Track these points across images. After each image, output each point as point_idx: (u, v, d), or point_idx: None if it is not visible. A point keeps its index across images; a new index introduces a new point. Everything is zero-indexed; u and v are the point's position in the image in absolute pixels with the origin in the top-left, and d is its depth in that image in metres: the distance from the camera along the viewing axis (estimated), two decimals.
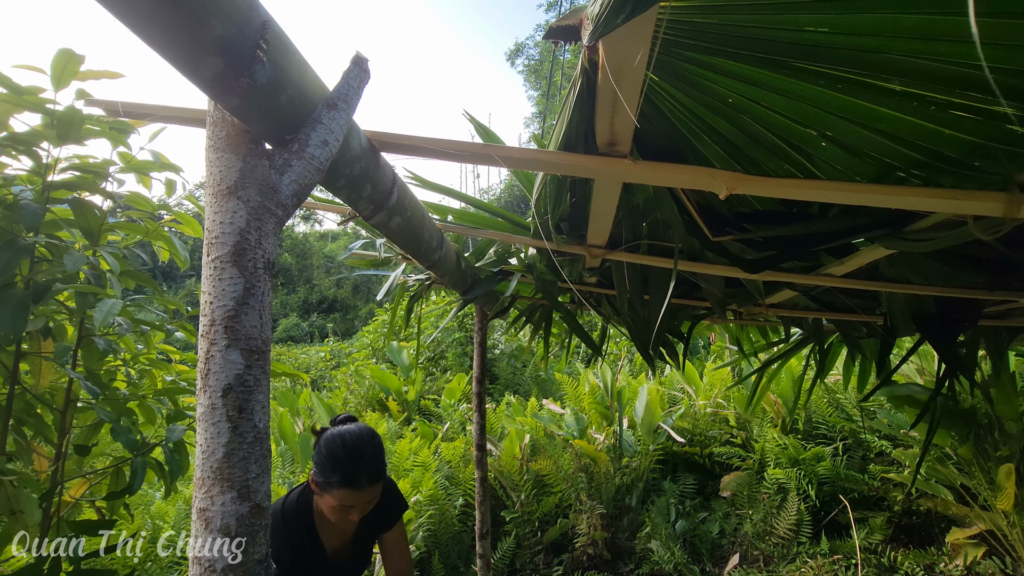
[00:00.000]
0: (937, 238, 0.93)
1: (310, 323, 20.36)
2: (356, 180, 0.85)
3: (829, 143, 0.83)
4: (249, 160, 0.63)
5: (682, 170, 0.88)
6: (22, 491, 1.44)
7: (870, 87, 0.71)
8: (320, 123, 0.68)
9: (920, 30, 0.60)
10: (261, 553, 0.62)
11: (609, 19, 0.53)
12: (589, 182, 1.06)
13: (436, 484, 3.65)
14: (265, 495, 0.62)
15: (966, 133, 0.73)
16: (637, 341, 1.93)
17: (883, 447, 3.71)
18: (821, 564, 3.23)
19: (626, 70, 0.65)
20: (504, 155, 0.89)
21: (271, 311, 0.66)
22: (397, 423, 5.53)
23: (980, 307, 1.66)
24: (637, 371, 6.53)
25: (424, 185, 1.45)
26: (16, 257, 1.23)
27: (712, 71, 0.75)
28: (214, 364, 0.60)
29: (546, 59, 27.12)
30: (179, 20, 0.49)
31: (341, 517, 1.32)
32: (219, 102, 0.58)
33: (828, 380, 4.05)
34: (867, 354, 2.34)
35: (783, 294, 1.70)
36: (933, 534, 3.48)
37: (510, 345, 7.25)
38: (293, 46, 0.64)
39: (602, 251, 1.38)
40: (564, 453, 4.08)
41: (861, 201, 0.83)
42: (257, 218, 0.63)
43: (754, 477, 3.80)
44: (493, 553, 3.61)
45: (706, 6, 0.62)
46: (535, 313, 2.35)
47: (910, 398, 3.01)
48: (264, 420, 0.63)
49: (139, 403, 1.85)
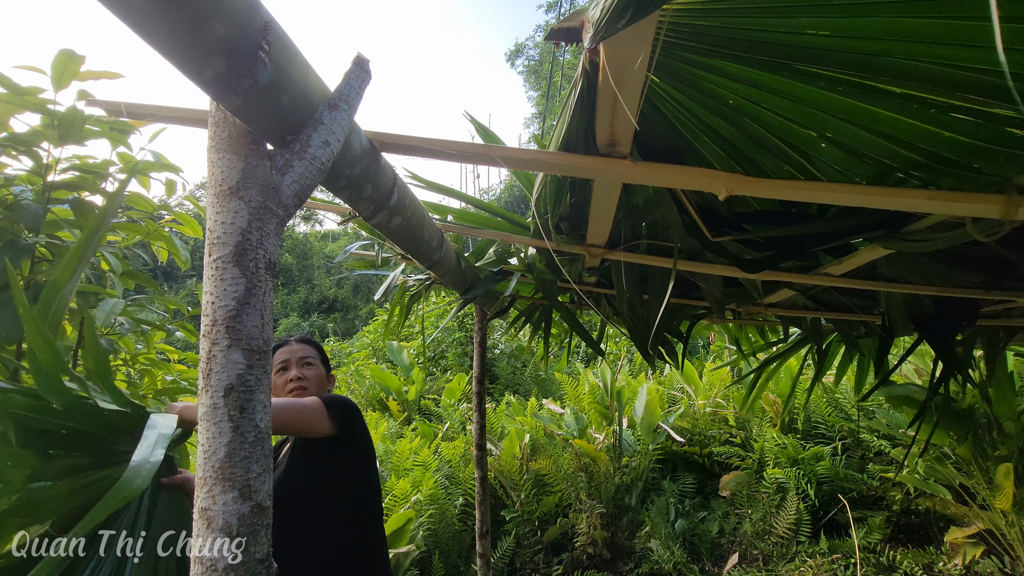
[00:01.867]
0: (935, 239, 0.93)
1: (311, 323, 20.35)
2: (357, 180, 0.86)
3: (829, 144, 0.84)
4: (251, 160, 0.64)
5: (682, 171, 0.89)
6: None
7: (870, 89, 0.71)
8: (322, 124, 0.68)
9: (920, 33, 0.60)
10: (263, 552, 0.62)
11: (610, 23, 0.53)
12: (589, 182, 1.06)
13: (436, 484, 3.65)
14: (267, 495, 0.63)
15: (965, 135, 0.73)
16: (636, 340, 1.93)
17: (882, 447, 3.71)
18: (820, 563, 3.23)
19: (627, 72, 0.66)
20: (504, 155, 0.89)
21: (272, 311, 0.66)
22: (397, 423, 5.54)
23: (978, 307, 1.66)
24: (637, 371, 6.54)
25: (424, 185, 1.45)
26: (17, 257, 1.23)
27: (713, 73, 0.75)
28: (216, 364, 0.60)
29: (546, 60, 27.11)
30: (181, 21, 0.49)
31: (284, 380, 1.48)
32: (221, 103, 0.59)
33: (827, 380, 4.05)
34: (865, 353, 2.35)
35: (782, 293, 1.71)
36: (932, 533, 3.48)
37: (510, 345, 7.26)
38: (295, 47, 0.65)
39: (602, 251, 1.39)
40: (564, 453, 4.08)
41: (860, 203, 0.84)
42: (259, 218, 0.63)
43: (753, 476, 3.81)
44: (493, 552, 3.61)
45: (707, 9, 0.62)
46: (535, 313, 2.36)
47: (908, 398, 3.02)
48: (265, 420, 0.63)
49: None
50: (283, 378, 1.47)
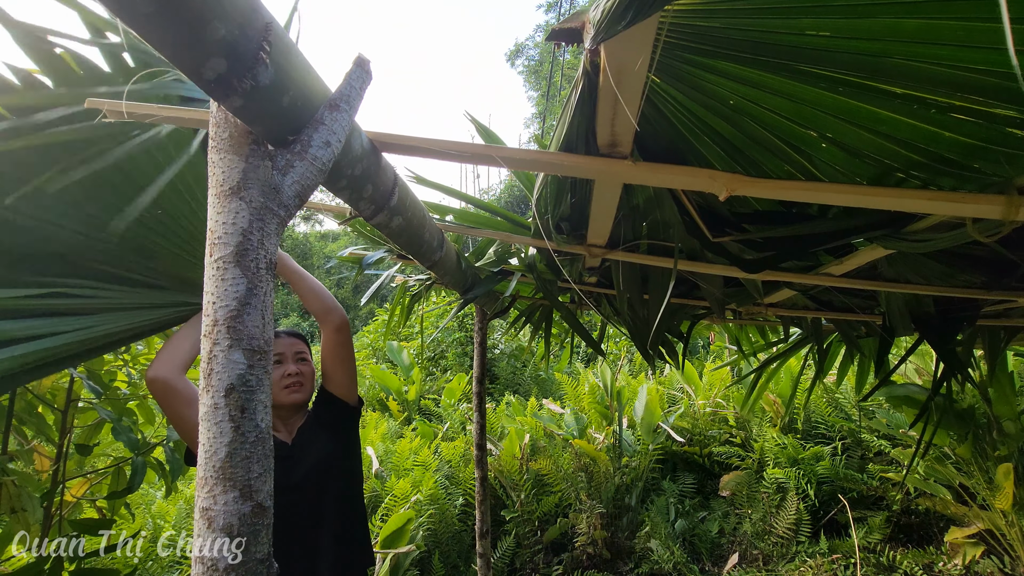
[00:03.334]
0: (936, 239, 0.93)
1: (311, 323, 20.35)
2: (358, 180, 0.86)
3: (829, 144, 0.84)
4: (252, 161, 0.64)
5: (682, 171, 0.88)
6: (24, 490, 1.45)
7: (871, 90, 0.71)
8: (322, 124, 0.68)
9: (921, 34, 0.60)
10: (263, 552, 0.62)
11: (611, 24, 0.53)
12: (589, 182, 1.06)
13: (436, 484, 3.65)
14: (267, 494, 0.63)
15: (966, 136, 0.73)
16: (636, 340, 1.93)
17: (882, 447, 3.71)
18: (820, 563, 3.23)
19: (627, 73, 0.66)
20: (505, 156, 0.89)
21: (273, 311, 0.67)
22: (397, 423, 5.54)
23: (978, 307, 1.66)
24: (637, 371, 6.54)
25: (425, 184, 1.46)
26: None
27: (714, 73, 0.75)
28: (216, 364, 0.60)
29: (546, 60, 27.10)
30: (182, 22, 0.49)
31: (280, 375, 1.44)
32: (222, 103, 0.59)
33: (827, 380, 4.05)
34: (866, 354, 2.35)
35: (782, 293, 1.71)
36: (932, 533, 3.48)
37: (510, 345, 7.26)
38: (295, 48, 0.65)
39: (602, 251, 1.39)
40: (564, 453, 4.08)
41: (860, 203, 0.84)
42: (260, 219, 0.63)
43: (753, 476, 3.81)
44: (493, 552, 3.62)
45: (708, 10, 0.62)
46: (535, 313, 2.36)
47: (908, 398, 3.02)
48: (266, 420, 0.63)
49: (139, 403, 1.86)
50: (279, 372, 1.44)
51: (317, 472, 1.37)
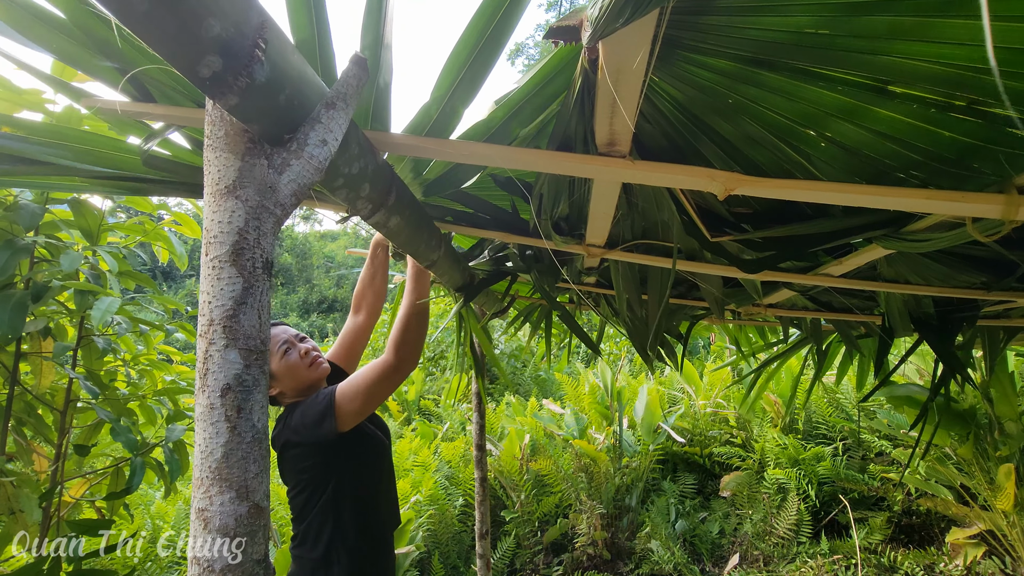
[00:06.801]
0: (935, 239, 0.93)
1: (310, 323, 20.34)
2: (355, 179, 0.85)
3: (828, 143, 0.83)
4: (247, 159, 0.63)
5: (681, 170, 0.88)
6: (22, 491, 1.44)
7: (870, 89, 0.71)
8: (319, 122, 0.68)
9: (920, 33, 0.60)
10: (260, 553, 0.62)
11: (609, 22, 0.53)
12: (588, 181, 1.06)
13: (436, 484, 3.65)
14: (264, 495, 0.62)
15: (965, 135, 0.73)
16: (636, 341, 1.93)
17: (883, 447, 3.71)
18: (821, 564, 3.23)
19: (625, 71, 0.65)
20: (504, 155, 0.89)
21: (270, 311, 0.66)
22: (397, 423, 5.53)
23: (978, 307, 1.66)
24: (637, 371, 6.54)
25: None
26: (15, 257, 1.23)
27: (712, 72, 0.75)
28: (212, 364, 0.60)
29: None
30: (177, 19, 0.49)
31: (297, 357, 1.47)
32: (217, 101, 0.58)
33: (828, 380, 4.05)
34: (865, 354, 2.34)
35: (781, 294, 1.70)
36: (933, 534, 3.48)
37: (510, 345, 7.25)
38: (291, 45, 0.64)
39: (601, 250, 1.38)
40: (564, 453, 4.08)
41: (859, 202, 0.83)
42: (255, 217, 0.63)
43: (754, 477, 3.81)
44: (493, 553, 3.61)
45: (707, 7, 0.62)
46: (534, 313, 2.36)
47: (909, 398, 3.01)
48: (263, 420, 0.63)
49: (139, 403, 1.85)
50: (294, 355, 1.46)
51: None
